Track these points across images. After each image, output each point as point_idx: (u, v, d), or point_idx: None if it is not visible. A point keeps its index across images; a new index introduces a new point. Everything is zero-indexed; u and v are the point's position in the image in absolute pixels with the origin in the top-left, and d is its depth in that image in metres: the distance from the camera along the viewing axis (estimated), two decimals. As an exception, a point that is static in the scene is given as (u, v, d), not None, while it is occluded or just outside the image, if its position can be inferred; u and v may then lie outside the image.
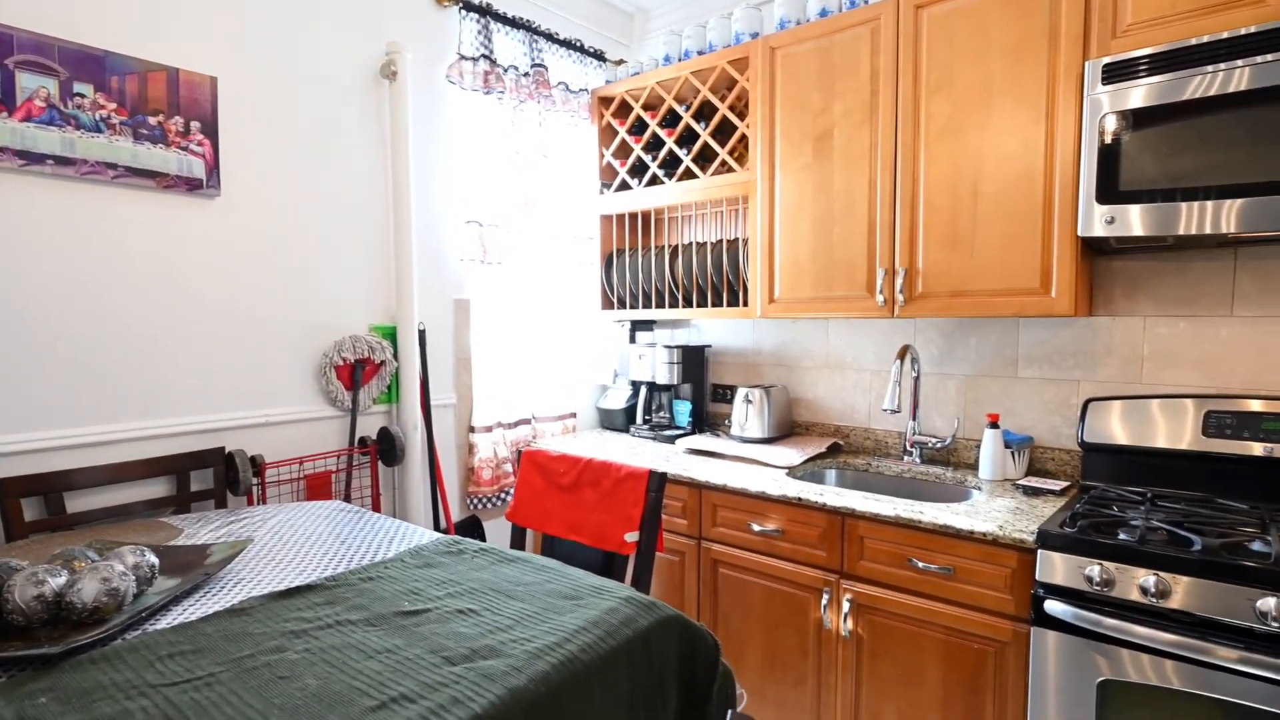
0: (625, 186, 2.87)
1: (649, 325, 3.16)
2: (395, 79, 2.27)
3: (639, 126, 2.82)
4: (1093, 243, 1.83)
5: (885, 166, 2.09)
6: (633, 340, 3.15)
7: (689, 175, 2.67)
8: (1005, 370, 2.22)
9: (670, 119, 2.73)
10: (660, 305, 2.80)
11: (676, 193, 2.64)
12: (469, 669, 0.98)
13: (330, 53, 2.17)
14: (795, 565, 1.99)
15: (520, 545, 2.06)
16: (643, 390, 2.97)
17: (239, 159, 1.98)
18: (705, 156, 2.72)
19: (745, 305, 2.52)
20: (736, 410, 2.59)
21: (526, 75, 2.63)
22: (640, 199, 2.77)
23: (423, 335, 2.38)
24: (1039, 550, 1.56)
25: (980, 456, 2.10)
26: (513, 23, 2.59)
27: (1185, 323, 1.93)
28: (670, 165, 2.74)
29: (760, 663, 2.08)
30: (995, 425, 2.07)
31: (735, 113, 2.56)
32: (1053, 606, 1.52)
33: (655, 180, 2.76)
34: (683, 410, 2.90)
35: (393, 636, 1.09)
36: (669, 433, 2.78)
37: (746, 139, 2.49)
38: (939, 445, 2.28)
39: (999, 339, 2.23)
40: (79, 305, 1.72)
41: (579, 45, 2.85)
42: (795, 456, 2.31)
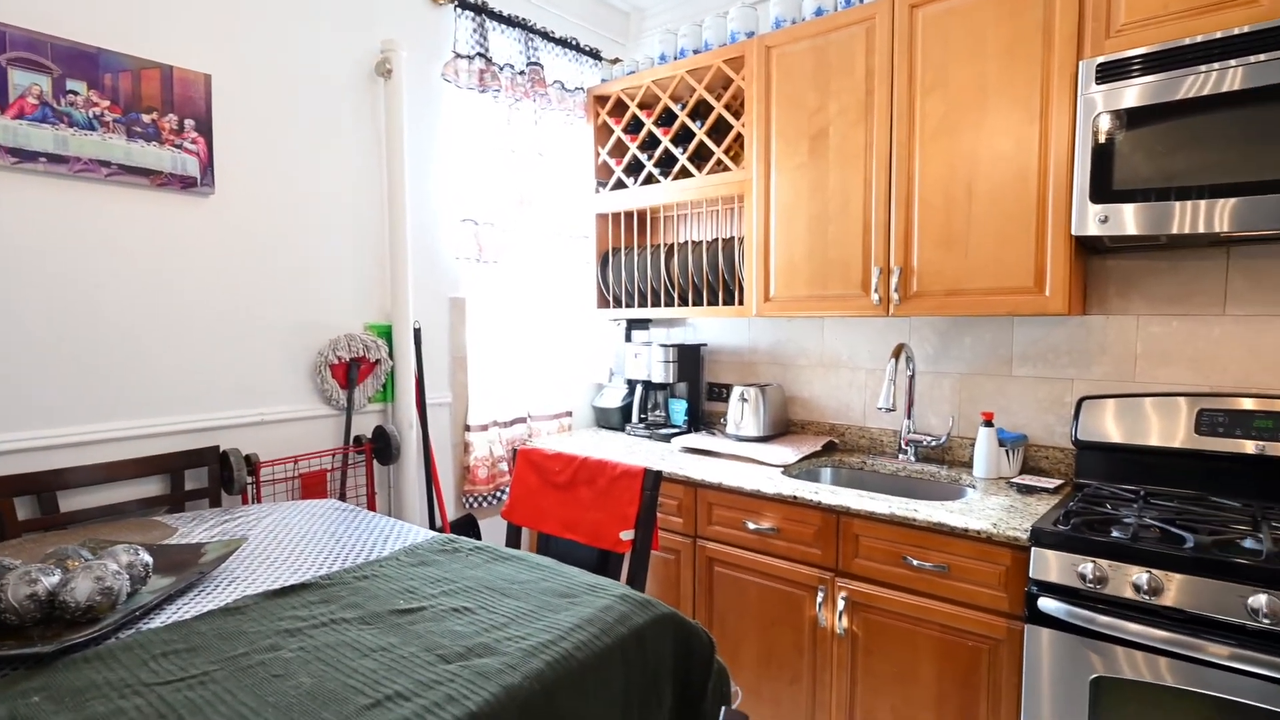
0: (621, 185, 2.87)
1: (645, 324, 3.16)
2: (390, 77, 2.27)
3: (635, 125, 2.82)
4: (1086, 242, 1.84)
5: (880, 166, 2.09)
6: (628, 339, 3.15)
7: (685, 174, 2.67)
8: (1000, 369, 2.23)
9: (666, 118, 2.73)
10: (656, 304, 2.80)
11: (672, 191, 2.64)
12: (464, 667, 0.98)
13: (325, 51, 2.17)
14: (790, 563, 2.00)
15: (516, 544, 2.06)
16: (638, 389, 2.97)
17: (233, 157, 1.97)
18: (701, 155, 2.72)
19: (741, 304, 2.52)
20: (732, 409, 2.59)
21: (522, 74, 2.63)
22: (636, 198, 2.77)
23: (418, 334, 2.38)
24: (1033, 548, 1.57)
25: (975, 455, 2.11)
26: (508, 21, 2.58)
27: (1178, 321, 1.93)
28: (666, 164, 2.74)
29: (756, 661, 2.09)
30: (990, 424, 2.08)
31: (731, 112, 2.56)
32: (1046, 604, 1.53)
33: (651, 179, 2.76)
34: (678, 409, 2.90)
35: (387, 635, 1.09)
36: (665, 431, 2.78)
37: (742, 138, 2.49)
38: (934, 444, 2.28)
39: (993, 337, 2.24)
40: (72, 304, 1.71)
41: (575, 44, 2.85)
42: (790, 455, 2.31)
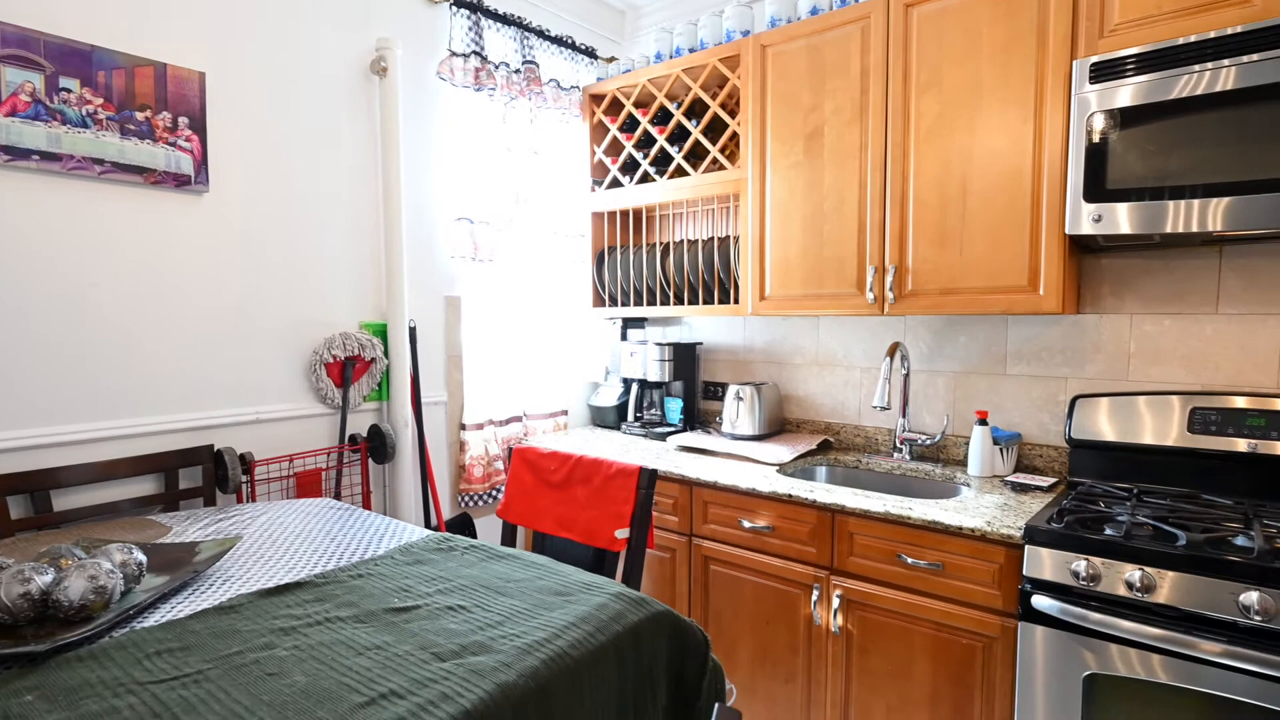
0: (617, 184, 2.87)
1: (640, 323, 3.16)
2: (385, 75, 2.27)
3: (630, 124, 2.82)
4: (1080, 241, 1.84)
5: (875, 164, 2.10)
6: (624, 338, 3.15)
7: (680, 173, 2.67)
8: (994, 367, 2.24)
9: (662, 116, 2.73)
10: (652, 303, 2.80)
11: (668, 190, 2.64)
12: (458, 665, 0.99)
13: (320, 49, 2.16)
14: (785, 562, 2.00)
15: (511, 542, 2.06)
16: (634, 387, 2.97)
17: (228, 155, 1.96)
18: (697, 154, 2.72)
19: (736, 303, 2.52)
20: (727, 407, 2.60)
21: (518, 72, 2.63)
22: (632, 196, 2.77)
23: (413, 332, 2.37)
24: (1026, 546, 1.57)
25: (969, 453, 2.12)
26: (504, 19, 2.58)
27: (1171, 320, 1.94)
28: (662, 163, 2.74)
29: (751, 659, 2.09)
30: (984, 422, 2.08)
31: (727, 110, 2.56)
32: (1040, 601, 1.54)
33: (647, 178, 2.76)
34: (674, 407, 2.90)
35: (382, 633, 1.09)
36: (660, 430, 2.79)
37: (738, 137, 2.50)
38: (928, 442, 2.29)
39: (988, 336, 2.24)
40: (66, 302, 1.70)
41: (570, 42, 2.85)
42: (786, 453, 2.31)
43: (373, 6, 2.29)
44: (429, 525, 2.43)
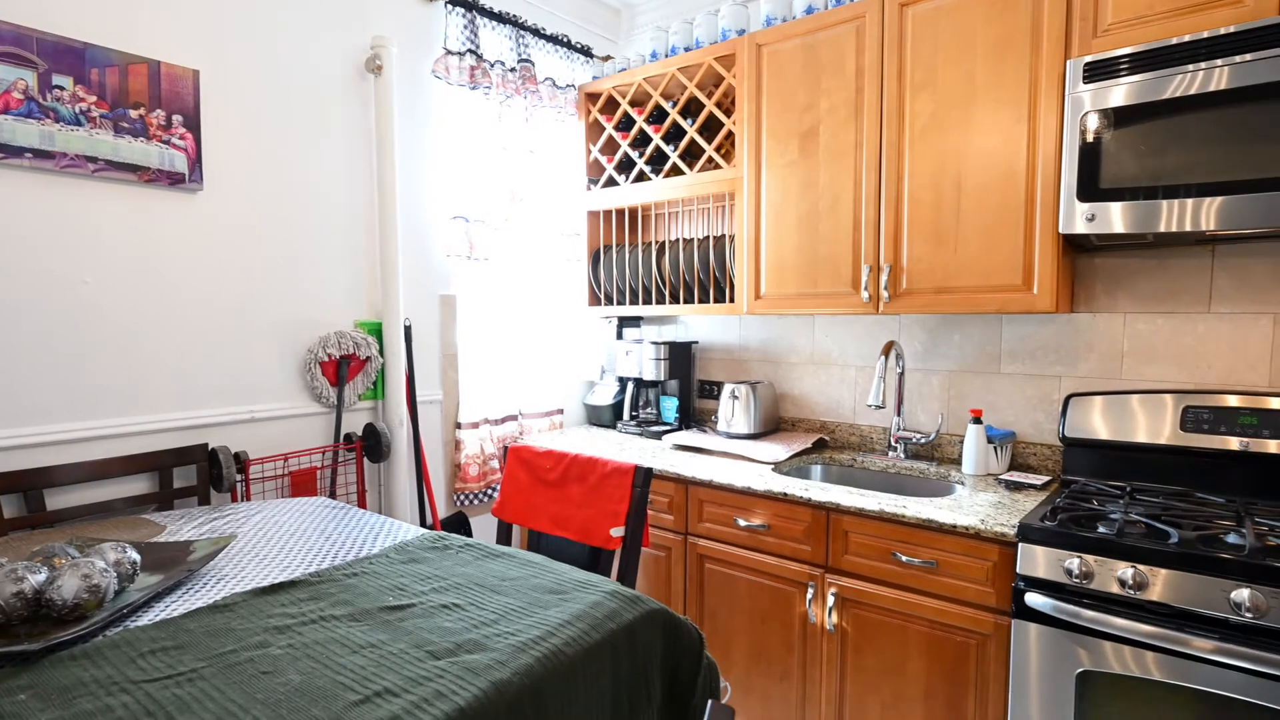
0: (612, 183, 2.87)
1: (636, 321, 3.17)
2: (380, 73, 2.26)
3: (626, 123, 2.82)
4: (1074, 240, 1.85)
5: (870, 163, 2.10)
6: (620, 336, 3.15)
7: (676, 172, 2.67)
8: (988, 366, 2.24)
9: (657, 115, 2.74)
10: (647, 302, 2.80)
11: (663, 189, 2.64)
12: (453, 663, 0.99)
13: (314, 47, 2.16)
14: (781, 560, 2.00)
15: (506, 541, 2.06)
16: (630, 386, 2.98)
17: (222, 153, 1.96)
18: (692, 153, 2.72)
19: (732, 302, 2.52)
20: (723, 406, 2.60)
21: (513, 70, 2.63)
22: (627, 195, 2.77)
23: (409, 331, 2.37)
24: (1020, 544, 1.58)
25: (963, 451, 2.12)
26: (499, 17, 2.58)
27: (1164, 319, 1.95)
28: (657, 161, 2.75)
29: (746, 657, 2.10)
30: (978, 420, 2.09)
31: (722, 109, 2.57)
32: (1033, 599, 1.54)
33: (642, 176, 2.76)
34: (669, 406, 2.90)
35: (377, 631, 1.09)
36: (656, 429, 2.79)
37: (733, 135, 2.50)
38: (923, 440, 2.30)
39: (982, 335, 2.25)
40: (59, 300, 1.70)
41: (566, 41, 2.84)
42: (781, 452, 2.32)
43: (367, 4, 2.29)
44: (424, 524, 2.43)
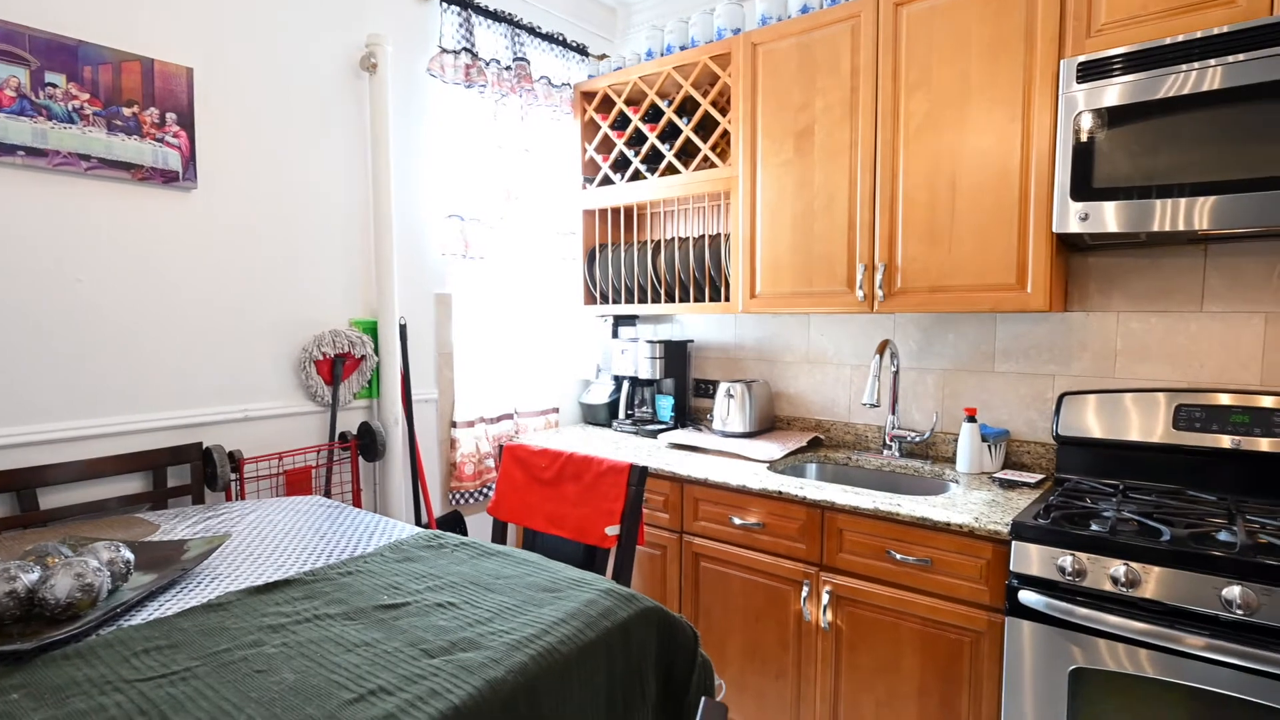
0: (608, 181, 2.87)
1: (631, 320, 3.17)
2: (375, 72, 2.26)
3: (621, 121, 2.82)
4: (1068, 239, 1.86)
5: (865, 163, 2.10)
6: (615, 335, 3.15)
7: (671, 170, 2.67)
8: (982, 365, 2.25)
9: (653, 114, 2.73)
10: (643, 300, 2.80)
11: (659, 188, 2.64)
12: (447, 661, 0.99)
13: (309, 45, 2.15)
14: (775, 558, 2.01)
15: (502, 540, 2.06)
16: (625, 385, 2.98)
17: (216, 151, 1.95)
18: (688, 152, 2.73)
19: (727, 300, 2.53)
20: (718, 405, 2.60)
21: (509, 69, 2.62)
22: (623, 194, 2.77)
23: (404, 330, 2.37)
24: (1013, 541, 1.59)
25: (958, 450, 2.13)
26: (494, 16, 2.57)
27: (1157, 318, 1.96)
28: (653, 160, 2.75)
29: (741, 655, 2.10)
30: (972, 419, 2.10)
31: (717, 108, 2.57)
32: (1026, 596, 1.55)
33: (638, 175, 2.76)
34: (665, 405, 2.90)
35: (371, 630, 1.09)
36: (651, 427, 2.79)
37: (729, 134, 2.50)
38: (918, 439, 2.30)
39: (976, 334, 2.26)
40: (52, 299, 1.69)
41: (561, 39, 2.84)
42: (776, 450, 2.32)
43: (362, 3, 2.28)
44: (420, 523, 2.43)
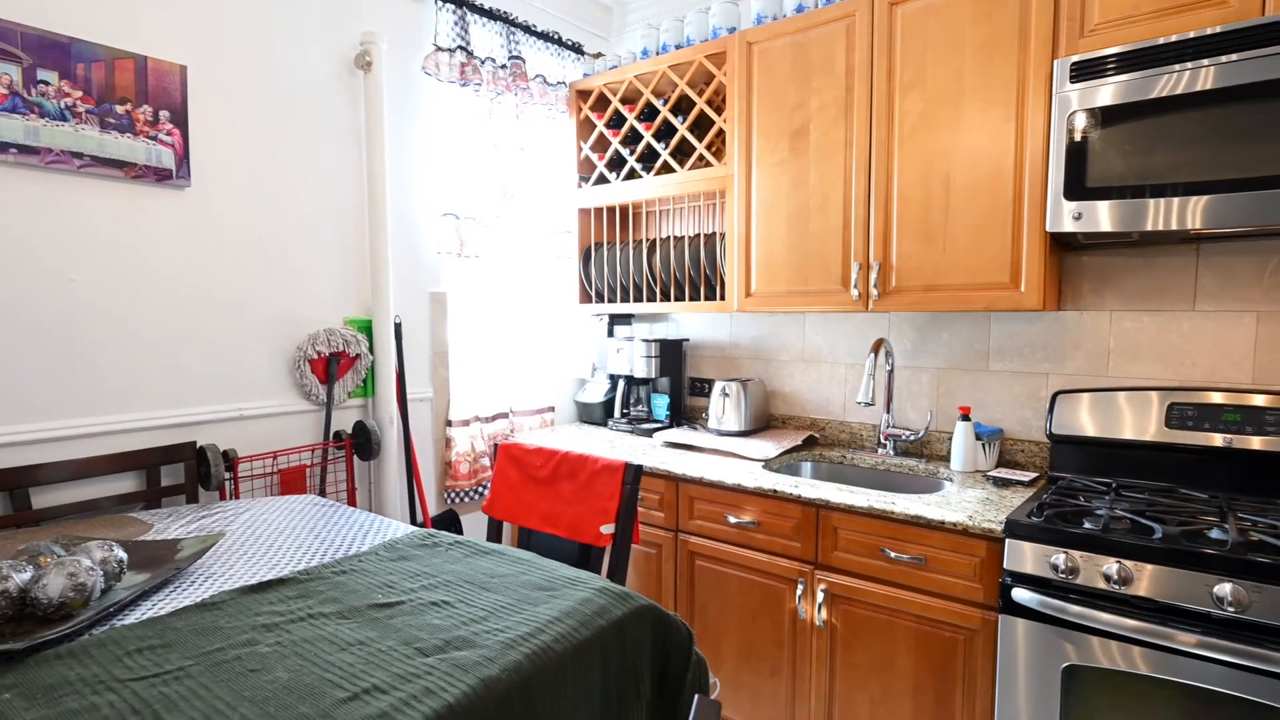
0: (603, 180, 2.87)
1: (627, 319, 3.17)
2: (370, 70, 2.25)
3: (617, 120, 2.82)
4: (1061, 238, 1.86)
5: (860, 162, 2.11)
6: (611, 334, 3.15)
7: (667, 169, 2.67)
8: (976, 363, 2.26)
9: (648, 113, 2.73)
10: (638, 299, 2.80)
11: (654, 187, 2.64)
12: (442, 660, 0.99)
13: (303, 43, 2.14)
14: (771, 556, 2.01)
15: (497, 538, 2.06)
16: (621, 384, 2.98)
17: (210, 150, 1.95)
18: (683, 151, 2.73)
19: (722, 299, 2.53)
20: (714, 403, 2.60)
21: (504, 67, 2.62)
22: (618, 192, 2.77)
23: (399, 328, 2.36)
24: (1007, 539, 1.59)
25: (952, 448, 2.14)
26: (490, 14, 2.57)
27: (1149, 317, 1.97)
28: (648, 159, 2.74)
29: (736, 653, 2.10)
30: (967, 418, 2.10)
31: (713, 107, 2.57)
32: (1020, 594, 1.55)
33: (633, 174, 2.76)
34: (660, 404, 2.91)
35: (365, 629, 1.09)
36: (647, 426, 2.79)
37: (724, 133, 2.50)
38: (912, 438, 2.31)
39: (970, 333, 2.26)
40: (45, 298, 1.68)
41: (557, 38, 2.84)
42: (771, 449, 2.33)
43: (358, 0, 2.27)
44: (415, 522, 2.43)
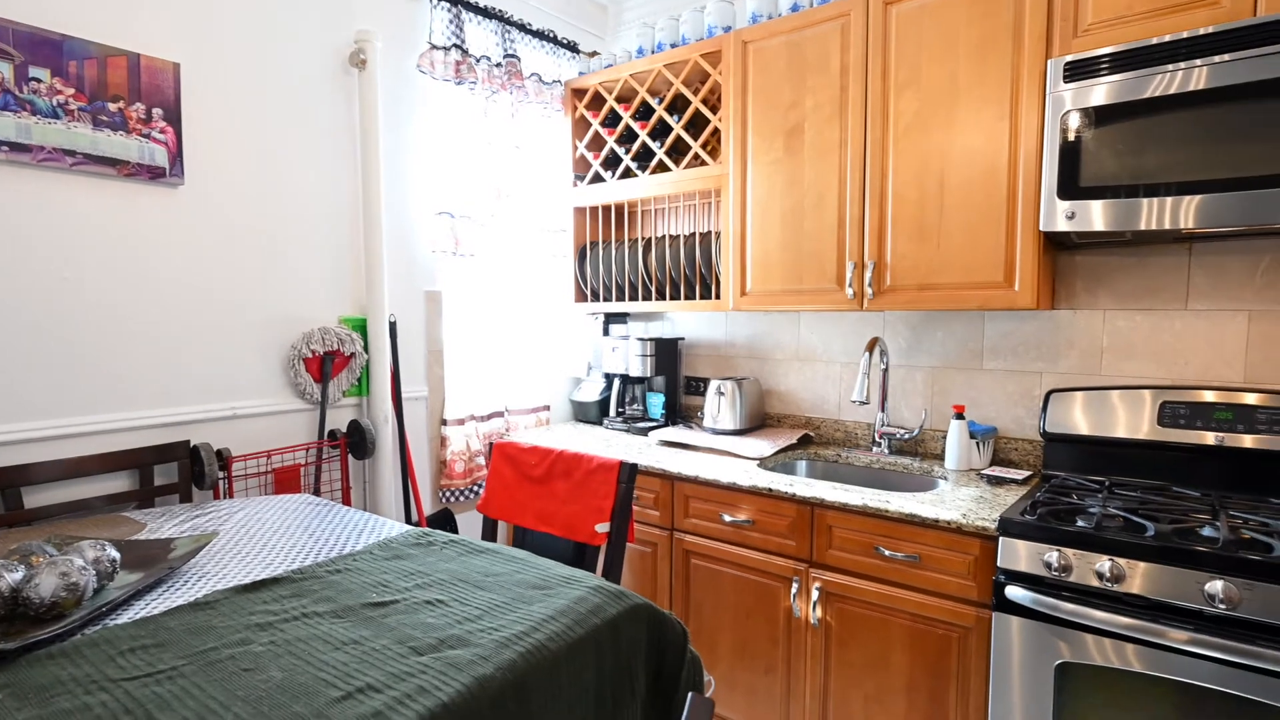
0: (598, 179, 2.87)
1: (622, 318, 3.17)
2: (364, 68, 2.24)
3: (612, 119, 2.82)
4: (1055, 237, 1.87)
5: (855, 161, 2.11)
6: (606, 333, 3.15)
7: (662, 168, 2.67)
8: (970, 362, 2.26)
9: (643, 111, 2.73)
10: (634, 298, 2.80)
11: (649, 185, 2.64)
12: (436, 659, 0.99)
13: (298, 41, 2.14)
14: (765, 555, 2.02)
15: (492, 537, 2.06)
16: (616, 383, 2.98)
17: (203, 148, 1.94)
18: (678, 149, 2.72)
19: (718, 298, 2.53)
20: (709, 402, 2.61)
21: (499, 66, 2.62)
22: (613, 191, 2.77)
23: (394, 327, 2.36)
24: (1000, 537, 1.60)
25: (946, 447, 2.14)
26: (485, 12, 2.56)
27: (1142, 316, 1.98)
28: (643, 158, 2.74)
29: (731, 652, 2.11)
30: (961, 416, 2.11)
31: (708, 106, 2.57)
32: (1013, 592, 1.56)
33: (628, 173, 2.76)
34: (656, 402, 2.91)
35: (360, 628, 1.09)
36: (642, 425, 2.79)
37: (719, 132, 2.50)
38: (907, 436, 2.31)
39: (964, 331, 2.27)
40: (37, 296, 1.67)
41: (552, 36, 2.83)
42: (766, 448, 2.33)
43: (351, -2, 2.27)
44: (410, 521, 2.42)
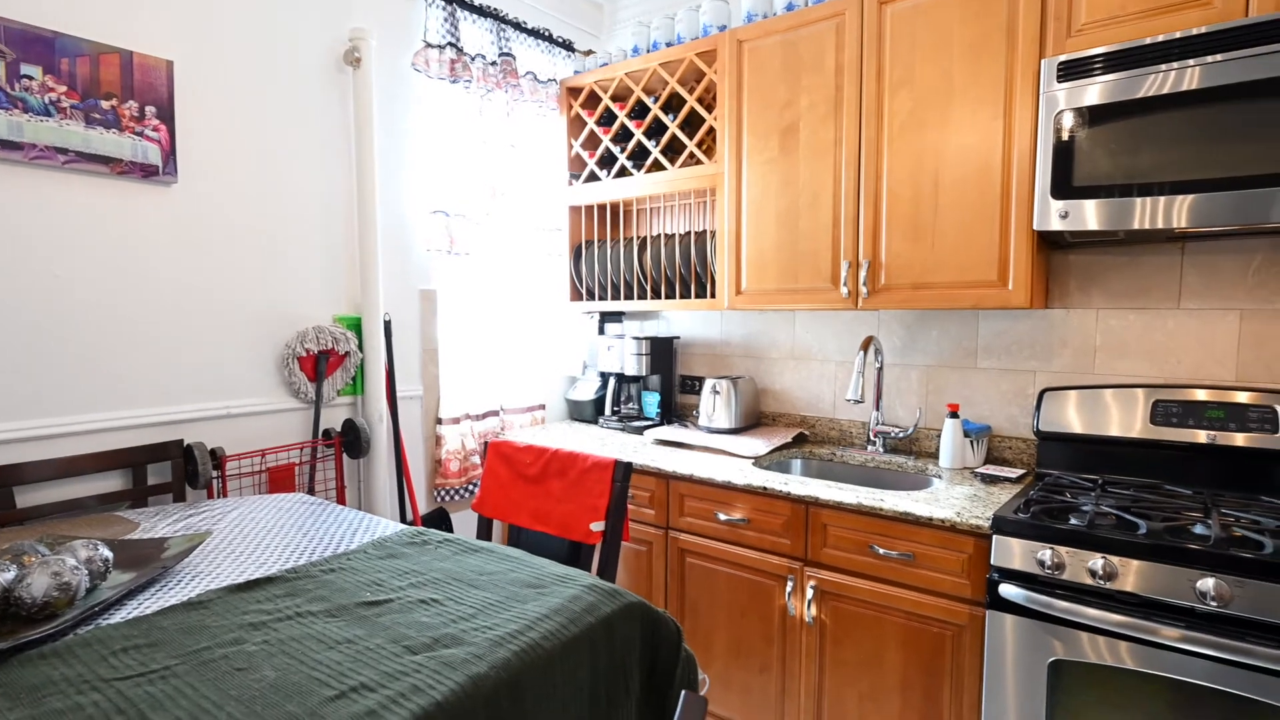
0: (594, 178, 2.86)
1: (618, 317, 3.17)
2: (359, 66, 2.24)
3: (608, 117, 2.82)
4: (1048, 237, 1.88)
5: (849, 160, 2.11)
6: (601, 332, 3.15)
7: (657, 167, 2.67)
8: (964, 361, 2.27)
9: (639, 110, 2.73)
10: (629, 297, 2.80)
11: (645, 184, 2.64)
12: (430, 657, 0.99)
13: (292, 39, 2.13)
14: (760, 553, 2.02)
15: (487, 536, 2.06)
16: (611, 381, 2.98)
17: (197, 146, 1.93)
18: (674, 148, 2.72)
19: (713, 297, 2.53)
20: (704, 401, 2.61)
21: (494, 64, 2.61)
22: (609, 190, 2.77)
23: (388, 326, 2.35)
24: (994, 535, 1.60)
25: (940, 446, 2.15)
26: (480, 11, 2.56)
27: (1135, 315, 1.99)
28: (639, 157, 2.74)
29: (726, 650, 2.11)
30: (955, 415, 2.12)
31: (703, 105, 2.57)
32: (1007, 590, 1.57)
33: (624, 172, 2.76)
34: (651, 401, 2.91)
35: (354, 627, 1.08)
36: (637, 424, 2.79)
37: (714, 131, 2.50)
38: (901, 435, 2.32)
39: (958, 330, 2.28)
40: (29, 295, 1.67)
41: (547, 35, 2.83)
42: (762, 446, 2.33)
43: (346, -4, 2.26)
44: (404, 520, 2.42)
